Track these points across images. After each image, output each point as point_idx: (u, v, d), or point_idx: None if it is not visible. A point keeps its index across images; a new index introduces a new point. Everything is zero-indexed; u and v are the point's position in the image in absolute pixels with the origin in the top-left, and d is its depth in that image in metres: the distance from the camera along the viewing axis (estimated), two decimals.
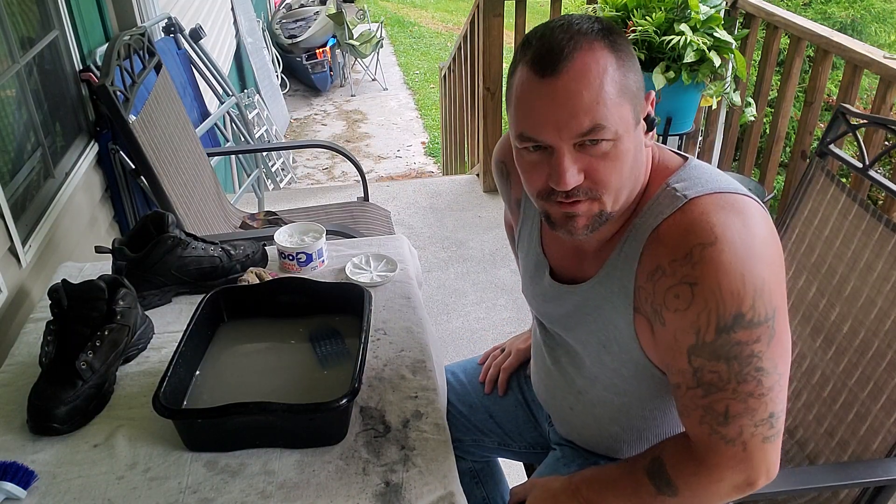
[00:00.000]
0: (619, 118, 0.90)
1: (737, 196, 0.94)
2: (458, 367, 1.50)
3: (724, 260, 0.88)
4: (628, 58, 0.91)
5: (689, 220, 0.91)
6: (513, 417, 1.41)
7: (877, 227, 1.34)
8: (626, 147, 0.92)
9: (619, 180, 0.94)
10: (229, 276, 1.51)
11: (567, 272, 1.12)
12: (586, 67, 0.88)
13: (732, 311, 0.88)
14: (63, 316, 1.22)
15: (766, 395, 0.91)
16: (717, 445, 0.94)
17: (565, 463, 1.26)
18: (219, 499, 1.05)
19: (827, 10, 5.72)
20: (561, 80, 0.88)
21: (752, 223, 0.91)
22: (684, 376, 0.94)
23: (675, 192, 0.95)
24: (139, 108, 2.14)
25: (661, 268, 0.93)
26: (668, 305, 0.92)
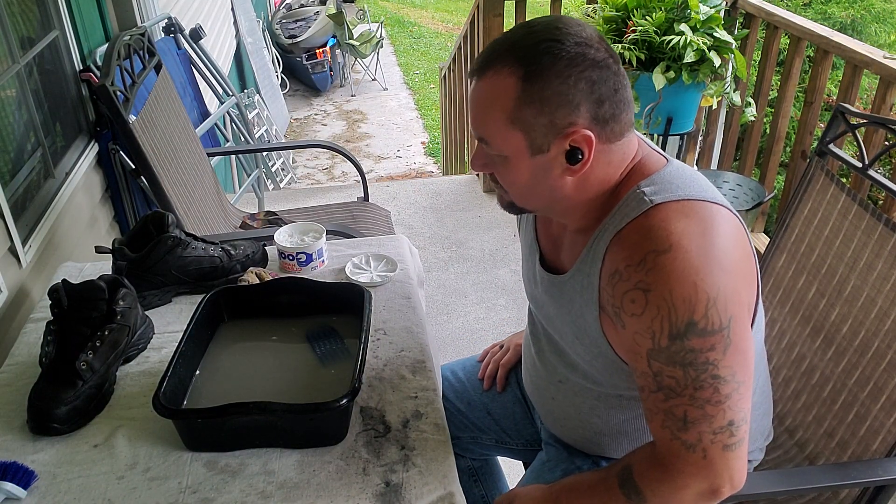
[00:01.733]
0: (504, 142, 0.95)
1: (704, 203, 0.94)
2: (456, 365, 1.51)
3: (676, 268, 0.89)
4: (538, 92, 0.91)
5: (649, 225, 0.92)
6: (510, 414, 1.41)
7: (876, 226, 1.34)
8: (518, 168, 0.97)
9: (519, 190, 1.01)
10: (229, 276, 1.51)
11: (552, 260, 1.15)
12: (485, 88, 0.95)
13: (685, 318, 0.89)
14: (63, 316, 1.22)
15: (724, 402, 0.92)
16: (678, 451, 0.95)
17: (550, 468, 1.26)
18: (219, 499, 1.05)
19: (827, 10, 5.72)
20: (475, 88, 0.97)
21: (714, 232, 0.92)
22: (646, 379, 0.95)
23: (644, 195, 0.96)
24: (139, 108, 2.14)
25: (618, 272, 0.94)
26: (625, 309, 0.94)
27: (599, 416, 1.16)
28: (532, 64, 0.91)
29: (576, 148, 0.94)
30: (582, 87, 0.91)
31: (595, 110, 0.92)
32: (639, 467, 1.01)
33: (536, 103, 0.91)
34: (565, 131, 0.93)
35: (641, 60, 2.81)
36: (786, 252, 1.55)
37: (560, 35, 0.91)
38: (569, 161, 0.95)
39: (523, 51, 0.92)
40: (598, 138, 0.94)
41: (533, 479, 1.28)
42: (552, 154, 0.95)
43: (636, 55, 2.80)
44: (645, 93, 2.83)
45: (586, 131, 0.93)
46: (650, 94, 2.81)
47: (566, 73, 0.90)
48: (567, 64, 0.90)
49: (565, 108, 0.91)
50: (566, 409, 1.21)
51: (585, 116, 0.92)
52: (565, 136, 0.93)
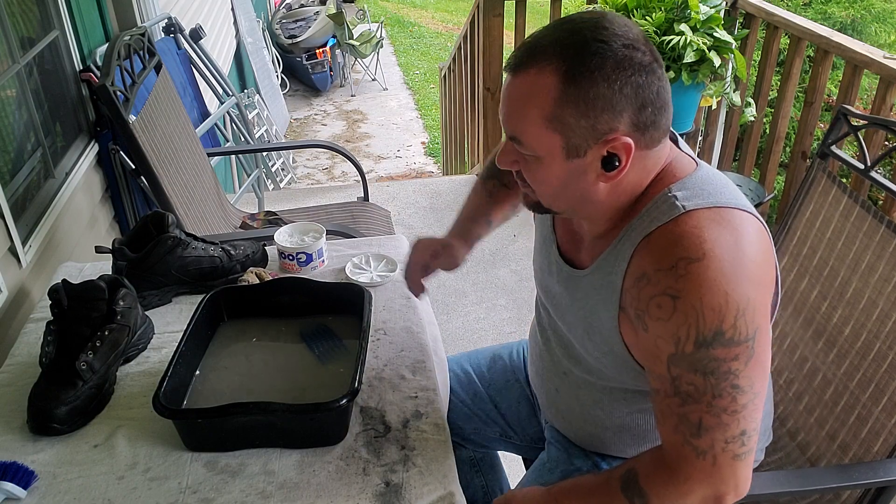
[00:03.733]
0: (538, 142, 0.92)
1: (736, 212, 0.94)
2: (463, 357, 1.51)
3: (708, 277, 0.88)
4: (582, 94, 0.88)
5: (681, 231, 0.91)
6: (516, 410, 1.42)
7: (878, 228, 1.34)
8: (551, 169, 0.94)
9: (548, 192, 0.99)
10: (229, 276, 1.50)
11: (568, 253, 1.14)
12: (524, 85, 0.91)
13: (713, 327, 0.88)
14: (63, 316, 1.22)
15: (740, 412, 0.92)
16: (688, 456, 0.95)
17: (549, 469, 1.26)
18: (219, 499, 1.05)
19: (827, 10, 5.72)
20: (511, 83, 0.94)
21: (746, 242, 0.91)
22: (663, 383, 0.95)
23: (675, 200, 0.94)
24: (139, 108, 2.14)
25: (646, 275, 0.93)
26: (650, 313, 0.93)
27: (603, 409, 1.16)
28: (579, 64, 0.87)
29: (613, 154, 0.91)
30: (627, 93, 0.88)
31: (637, 117, 0.90)
32: (644, 471, 1.00)
33: (580, 105, 0.88)
34: (605, 137, 0.90)
35: None
36: (788, 254, 1.55)
37: (607, 36, 0.88)
38: (604, 167, 0.92)
39: (570, 49, 0.88)
40: (637, 145, 0.91)
41: (532, 478, 1.28)
42: (588, 159, 0.92)
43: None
44: None
45: (626, 139, 0.90)
46: None
47: (613, 76, 0.87)
48: (614, 67, 0.87)
49: (608, 112, 0.89)
50: (569, 401, 1.21)
51: (627, 123, 0.90)
52: (605, 143, 0.91)
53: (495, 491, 1.57)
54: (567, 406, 1.22)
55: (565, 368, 1.19)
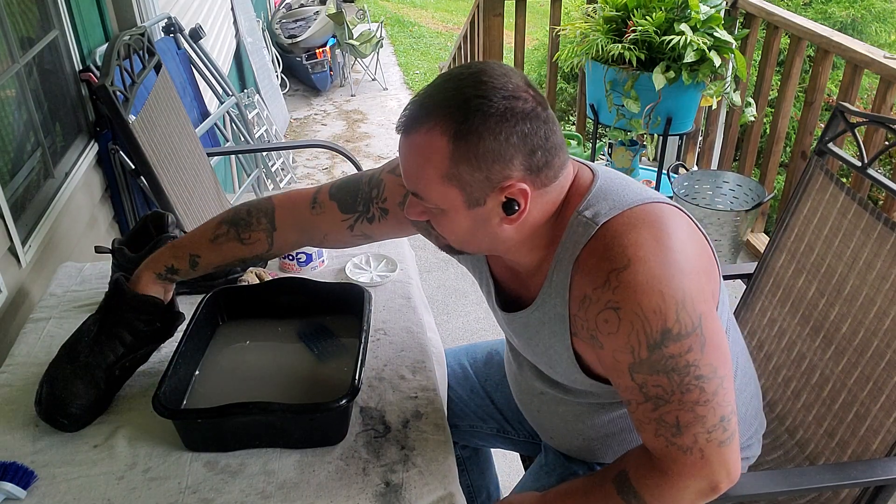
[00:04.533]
0: (439, 197, 0.94)
1: (647, 207, 0.95)
2: (461, 352, 1.51)
3: (640, 281, 0.89)
4: (472, 150, 0.90)
5: (603, 245, 0.93)
6: (513, 405, 1.42)
7: (875, 225, 1.34)
8: (456, 219, 0.96)
9: (458, 238, 1.00)
10: (229, 276, 1.50)
11: (510, 290, 1.15)
12: (417, 146, 0.93)
13: (658, 327, 0.89)
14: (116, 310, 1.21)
15: (712, 400, 0.93)
16: (675, 456, 0.96)
17: (547, 472, 1.27)
18: (219, 499, 1.05)
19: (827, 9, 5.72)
20: (405, 143, 0.96)
21: (665, 235, 0.93)
22: (632, 393, 0.96)
23: (586, 219, 0.96)
24: (139, 108, 2.14)
25: (587, 296, 0.95)
26: (600, 330, 0.94)
27: (584, 421, 1.17)
28: (463, 122, 0.89)
29: (512, 199, 0.94)
30: (514, 142, 0.90)
31: (528, 161, 0.92)
32: (635, 473, 1.01)
33: (471, 161, 0.90)
34: (500, 185, 0.92)
35: (641, 60, 2.81)
36: (785, 251, 1.55)
37: (486, 90, 0.90)
38: (505, 211, 0.95)
39: (453, 109, 0.90)
40: (533, 186, 0.94)
41: (531, 481, 1.28)
42: (489, 206, 0.94)
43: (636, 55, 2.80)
44: (645, 93, 2.83)
45: (521, 184, 0.92)
46: (650, 94, 2.81)
47: (497, 129, 0.89)
48: (497, 120, 0.89)
49: (499, 163, 0.91)
50: (552, 419, 1.22)
51: (519, 169, 0.92)
52: (501, 190, 0.93)
53: (481, 490, 1.57)
54: (551, 424, 1.23)
55: (541, 389, 1.20)
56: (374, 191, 1.20)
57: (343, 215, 1.21)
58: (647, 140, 3.42)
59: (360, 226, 1.22)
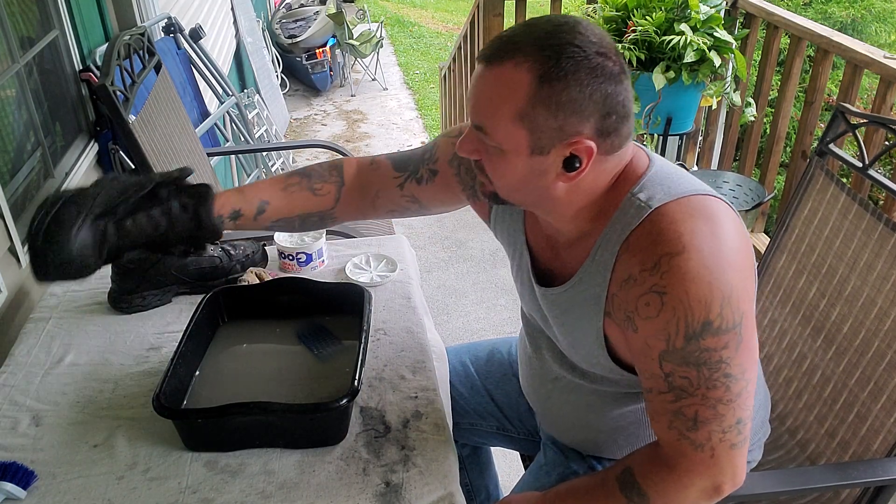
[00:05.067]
0: (505, 136, 0.92)
1: (704, 199, 0.95)
2: (461, 350, 1.51)
3: (691, 269, 0.89)
4: (554, 95, 0.89)
5: (657, 229, 0.92)
6: (514, 403, 1.42)
7: (876, 226, 1.34)
8: (513, 163, 0.94)
9: (507, 185, 0.98)
10: (229, 276, 1.50)
11: (544, 262, 1.14)
12: (498, 78, 0.91)
13: (701, 318, 0.89)
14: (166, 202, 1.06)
15: (734, 401, 0.92)
16: (685, 450, 0.95)
17: (546, 472, 1.26)
18: (219, 499, 1.05)
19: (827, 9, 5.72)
20: (484, 74, 0.93)
21: (721, 230, 0.92)
22: (656, 381, 0.95)
23: (640, 201, 0.96)
24: (139, 108, 2.14)
25: (632, 276, 0.94)
26: (639, 313, 0.94)
27: (595, 412, 1.16)
28: (555, 66, 0.88)
29: (575, 156, 0.93)
30: (596, 99, 0.89)
31: (602, 123, 0.91)
32: (640, 469, 1.01)
33: (550, 106, 0.89)
34: (570, 139, 0.91)
35: (641, 60, 2.81)
36: (786, 252, 1.55)
37: (583, 42, 0.89)
38: (565, 167, 0.94)
39: (548, 50, 0.89)
40: (598, 150, 0.93)
41: (530, 481, 1.28)
42: (551, 158, 0.93)
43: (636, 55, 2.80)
44: (645, 93, 2.83)
45: (589, 142, 0.91)
46: (650, 93, 2.81)
47: (585, 81, 0.88)
48: (588, 73, 0.88)
49: (576, 116, 0.90)
50: (561, 407, 1.21)
51: (592, 127, 0.91)
52: (569, 144, 0.92)
53: (480, 490, 1.57)
54: (560, 412, 1.23)
55: (556, 374, 1.19)
56: (427, 153, 1.20)
57: (395, 172, 1.21)
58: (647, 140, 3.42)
59: (409, 186, 1.21)
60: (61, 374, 1.29)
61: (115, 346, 1.36)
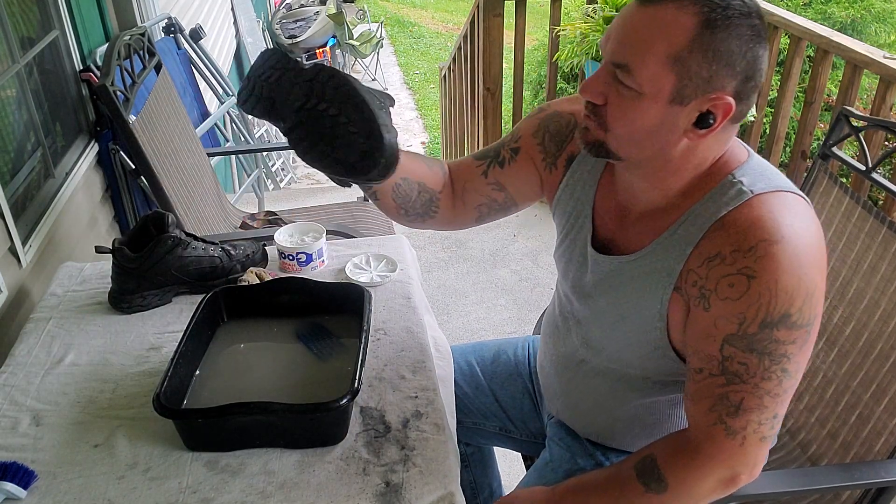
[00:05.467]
0: (650, 77, 0.90)
1: (797, 197, 0.96)
2: (467, 349, 1.51)
3: (785, 259, 0.89)
4: (714, 44, 0.87)
5: (757, 214, 0.92)
6: (519, 404, 1.42)
7: (880, 229, 1.34)
8: (647, 109, 0.92)
9: (628, 132, 0.95)
10: (229, 276, 1.50)
11: (606, 231, 1.12)
12: (658, 16, 0.89)
13: (782, 309, 0.90)
14: None
15: (780, 396, 0.94)
16: (717, 435, 0.96)
17: (553, 468, 1.26)
18: (219, 499, 1.04)
19: (827, 10, 5.72)
20: (642, 10, 0.90)
21: (813, 229, 0.94)
22: (710, 362, 0.95)
23: (742, 185, 0.95)
24: (139, 108, 2.14)
25: (721, 255, 0.93)
26: (718, 292, 0.93)
27: (616, 398, 1.16)
28: (722, 14, 0.87)
29: (710, 113, 0.92)
30: (748, 58, 0.89)
31: (744, 85, 0.91)
32: (664, 455, 1.01)
33: (707, 53, 0.88)
34: (713, 93, 0.90)
35: None
36: None
37: (751, 2, 0.89)
38: (697, 123, 0.92)
39: None
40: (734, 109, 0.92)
41: (535, 478, 1.28)
42: (687, 110, 0.91)
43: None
44: None
45: (730, 100, 0.90)
46: None
47: (746, 37, 0.88)
48: (749, 30, 0.88)
49: (728, 69, 0.89)
50: (584, 391, 1.20)
51: (734, 87, 0.90)
52: (710, 99, 0.90)
53: (484, 487, 1.57)
54: (580, 395, 1.22)
55: (583, 356, 1.18)
56: (508, 137, 1.21)
57: (476, 161, 1.22)
58: None
59: (493, 171, 1.21)
60: (62, 373, 1.29)
61: (116, 346, 1.36)
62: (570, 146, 1.17)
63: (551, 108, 1.21)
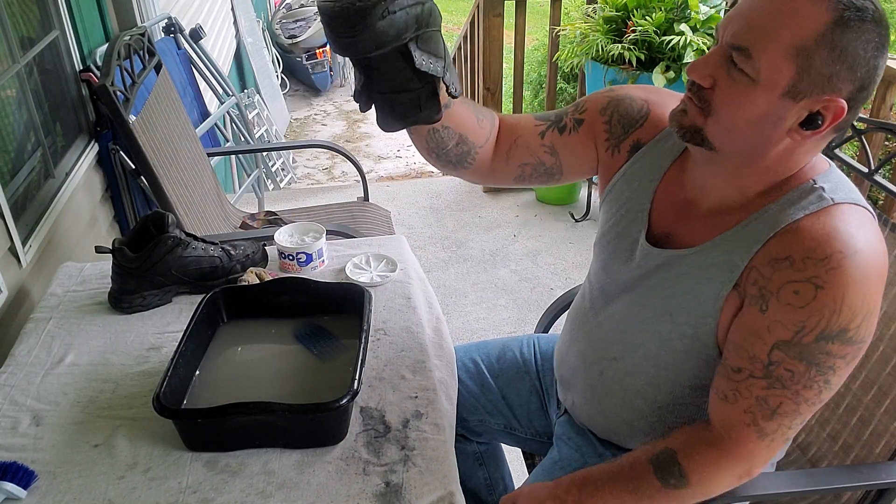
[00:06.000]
0: (770, 65, 0.87)
1: (871, 215, 0.95)
2: (472, 348, 1.51)
3: (857, 274, 0.88)
4: (842, 43, 0.85)
5: (835, 224, 0.91)
6: (525, 402, 1.41)
7: (882, 231, 1.34)
8: (757, 99, 0.90)
9: (731, 122, 0.93)
10: (229, 276, 1.50)
11: (664, 226, 1.10)
12: (789, 4, 0.86)
13: (843, 324, 0.89)
14: None
15: (816, 404, 0.94)
16: (748, 437, 0.96)
17: (562, 467, 1.25)
18: (219, 499, 1.04)
19: None
20: None
21: (883, 248, 0.93)
22: (753, 363, 0.94)
23: (823, 192, 0.94)
24: (139, 109, 2.14)
25: (790, 259, 0.92)
26: (780, 296, 0.92)
27: (646, 398, 1.14)
28: (856, 14, 0.84)
29: (820, 114, 0.89)
30: (871, 66, 0.87)
31: (857, 92, 0.88)
32: (686, 450, 1.00)
33: (834, 51, 0.85)
34: (830, 94, 0.87)
35: (641, 60, 2.81)
36: None
37: (881, 9, 0.86)
38: (804, 123, 0.90)
39: None
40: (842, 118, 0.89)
41: (544, 478, 1.26)
42: (798, 107, 0.89)
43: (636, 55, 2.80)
44: None
45: (843, 103, 0.87)
46: None
47: (874, 42, 0.86)
48: (877, 36, 0.86)
49: (849, 72, 0.86)
50: (612, 386, 1.18)
51: (849, 92, 0.88)
52: (825, 99, 0.88)
53: (498, 482, 1.57)
54: (608, 391, 1.19)
55: (615, 354, 1.16)
56: (575, 105, 1.18)
57: (537, 121, 1.19)
58: None
59: (551, 134, 1.17)
60: (62, 374, 1.29)
61: (116, 346, 1.36)
62: (637, 132, 1.14)
63: (624, 90, 1.17)
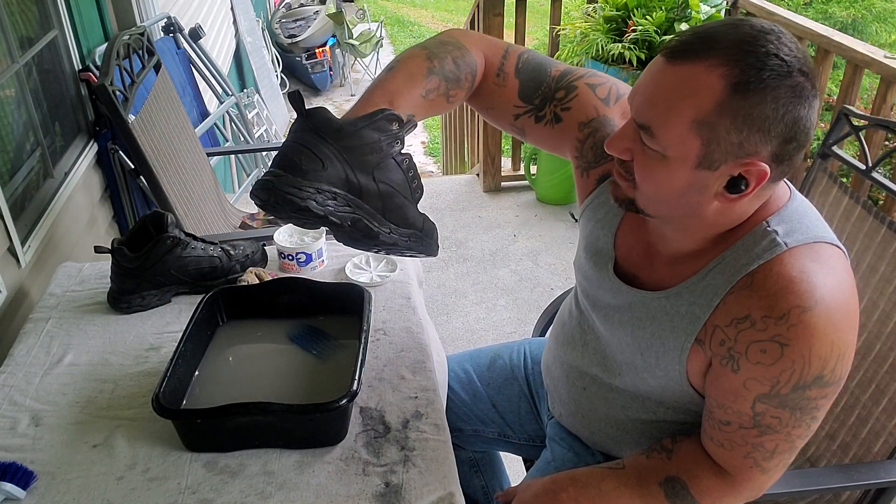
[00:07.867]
0: (675, 141, 0.85)
1: (830, 248, 0.92)
2: (464, 357, 1.51)
3: (819, 325, 0.86)
4: (745, 108, 0.81)
5: (789, 276, 0.88)
6: (515, 409, 1.41)
7: (879, 229, 1.34)
8: (673, 173, 0.87)
9: (654, 194, 0.91)
10: (229, 276, 1.50)
11: (630, 266, 1.08)
12: (685, 77, 0.84)
13: (815, 373, 0.89)
14: None
15: (809, 435, 0.96)
16: (753, 475, 0.99)
17: (556, 467, 1.26)
18: (218, 499, 1.04)
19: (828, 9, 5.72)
20: (668, 70, 0.85)
21: (845, 285, 0.91)
22: (740, 417, 0.95)
23: (776, 235, 0.91)
24: (138, 108, 2.14)
25: (750, 318, 0.90)
26: (749, 357, 0.90)
27: (629, 414, 1.14)
28: (755, 76, 0.80)
29: (742, 178, 0.86)
30: (786, 121, 0.82)
31: (782, 148, 0.84)
32: (696, 483, 1.02)
33: (737, 119, 0.82)
34: (745, 158, 0.84)
35: (641, 60, 2.81)
36: None
37: (788, 55, 0.81)
38: (728, 188, 0.87)
39: (751, 57, 0.80)
40: (769, 176, 0.86)
41: (538, 477, 1.28)
42: (717, 175, 0.86)
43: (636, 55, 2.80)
44: None
45: (763, 165, 0.84)
46: None
47: (783, 100, 0.81)
48: (787, 92, 0.81)
49: (761, 134, 0.82)
50: (595, 401, 1.18)
51: (770, 151, 0.84)
52: (742, 164, 0.85)
53: (495, 490, 1.57)
54: (591, 405, 1.20)
55: (598, 374, 1.16)
56: (561, 92, 1.10)
57: (517, 100, 1.12)
58: None
59: (525, 119, 1.13)
60: (61, 374, 1.29)
61: (115, 346, 1.36)
62: (607, 165, 1.09)
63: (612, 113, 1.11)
